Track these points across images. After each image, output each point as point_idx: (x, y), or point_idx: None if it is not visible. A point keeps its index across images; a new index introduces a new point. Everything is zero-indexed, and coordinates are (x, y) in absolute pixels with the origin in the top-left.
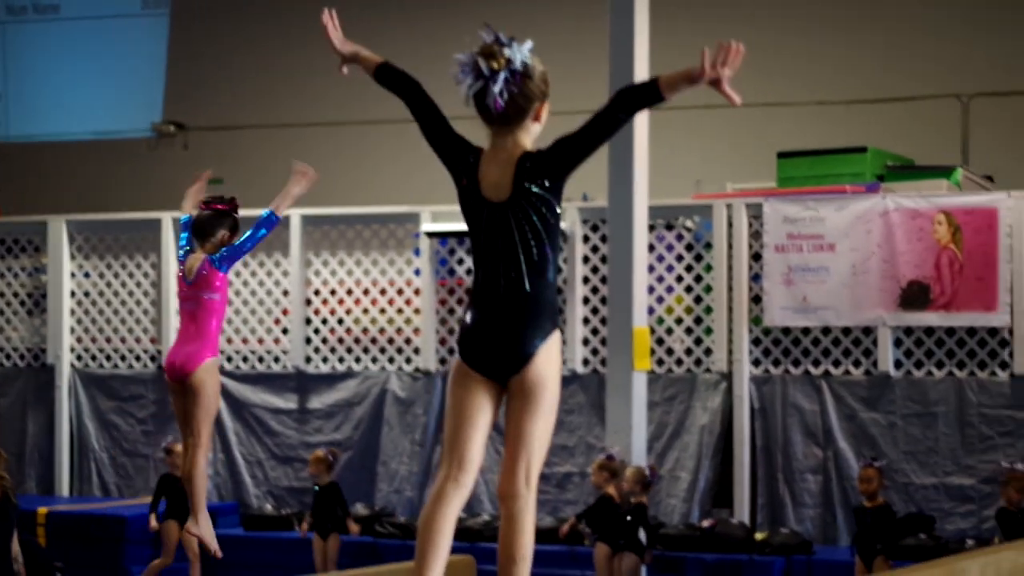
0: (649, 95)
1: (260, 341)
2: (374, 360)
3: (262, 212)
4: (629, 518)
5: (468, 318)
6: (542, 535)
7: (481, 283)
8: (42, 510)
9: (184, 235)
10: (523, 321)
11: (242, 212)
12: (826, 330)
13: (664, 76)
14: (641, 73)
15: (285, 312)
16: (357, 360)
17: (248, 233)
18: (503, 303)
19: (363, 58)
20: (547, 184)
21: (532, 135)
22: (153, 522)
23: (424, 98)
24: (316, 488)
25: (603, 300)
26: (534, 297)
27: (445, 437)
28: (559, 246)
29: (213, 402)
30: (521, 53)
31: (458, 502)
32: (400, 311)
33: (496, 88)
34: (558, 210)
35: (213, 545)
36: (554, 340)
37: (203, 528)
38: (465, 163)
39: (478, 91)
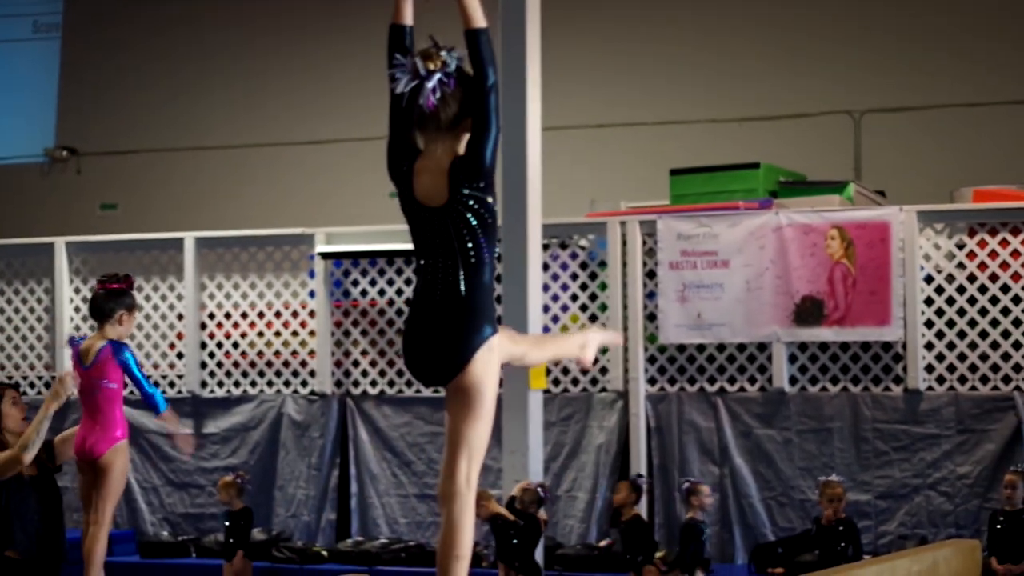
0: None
1: (155, 366)
2: (270, 383)
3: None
4: (517, 537)
5: (404, 325)
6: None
7: (419, 289)
8: None
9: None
10: (459, 326)
11: (138, 235)
12: (721, 347)
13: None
14: (533, 125)
15: (180, 336)
16: (253, 384)
17: (137, 374)
18: (438, 308)
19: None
20: (480, 184)
21: (463, 146)
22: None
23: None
24: (229, 513)
25: (498, 319)
26: (469, 301)
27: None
28: (496, 245)
29: (119, 483)
30: (454, 59)
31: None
32: (295, 333)
33: (430, 85)
34: (495, 206)
35: None
36: (492, 344)
37: None
38: (400, 170)
39: (412, 89)
